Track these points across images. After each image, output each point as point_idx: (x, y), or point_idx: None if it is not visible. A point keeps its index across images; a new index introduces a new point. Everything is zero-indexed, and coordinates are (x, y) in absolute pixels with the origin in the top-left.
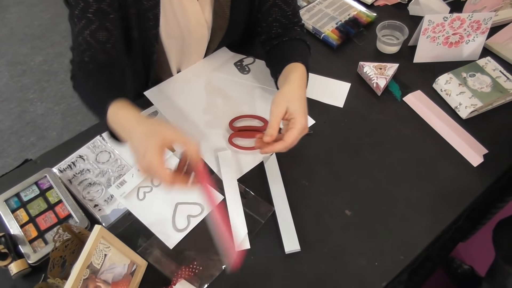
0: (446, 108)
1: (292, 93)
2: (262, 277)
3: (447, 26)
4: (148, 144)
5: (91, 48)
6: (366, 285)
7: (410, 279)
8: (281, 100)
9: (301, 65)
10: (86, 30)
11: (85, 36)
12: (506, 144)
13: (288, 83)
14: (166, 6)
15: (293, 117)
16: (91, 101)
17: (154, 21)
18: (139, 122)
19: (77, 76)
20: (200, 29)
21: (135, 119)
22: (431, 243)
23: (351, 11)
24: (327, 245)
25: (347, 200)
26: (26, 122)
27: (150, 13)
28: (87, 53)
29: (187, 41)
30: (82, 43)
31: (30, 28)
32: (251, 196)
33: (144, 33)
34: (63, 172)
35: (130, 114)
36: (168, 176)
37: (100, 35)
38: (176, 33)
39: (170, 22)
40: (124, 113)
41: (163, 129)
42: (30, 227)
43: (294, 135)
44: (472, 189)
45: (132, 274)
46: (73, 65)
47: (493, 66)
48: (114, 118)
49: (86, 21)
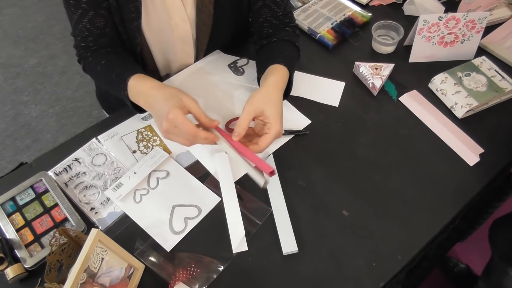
0: (442, 107)
1: (270, 95)
2: (260, 279)
3: (442, 26)
4: (170, 104)
5: (92, 34)
6: (364, 285)
7: (407, 279)
8: (257, 101)
9: (283, 67)
10: (84, 19)
11: (85, 24)
12: (502, 143)
13: (266, 84)
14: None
15: (269, 121)
16: (108, 79)
17: (136, 13)
18: (160, 88)
19: (85, 59)
20: (183, 24)
21: (156, 85)
22: (428, 242)
23: (346, 11)
24: (325, 246)
25: (344, 200)
26: (21, 124)
27: (131, 5)
28: (90, 38)
29: (170, 37)
30: (83, 30)
31: (24, 30)
32: (248, 198)
33: (127, 24)
34: (59, 176)
35: (151, 82)
36: (193, 128)
37: (97, 21)
38: (157, 26)
39: (151, 15)
40: (146, 82)
41: (183, 94)
42: (26, 231)
43: (269, 140)
44: (469, 188)
45: (129, 277)
46: (78, 49)
47: (488, 65)
48: (136, 88)
49: (82, 10)
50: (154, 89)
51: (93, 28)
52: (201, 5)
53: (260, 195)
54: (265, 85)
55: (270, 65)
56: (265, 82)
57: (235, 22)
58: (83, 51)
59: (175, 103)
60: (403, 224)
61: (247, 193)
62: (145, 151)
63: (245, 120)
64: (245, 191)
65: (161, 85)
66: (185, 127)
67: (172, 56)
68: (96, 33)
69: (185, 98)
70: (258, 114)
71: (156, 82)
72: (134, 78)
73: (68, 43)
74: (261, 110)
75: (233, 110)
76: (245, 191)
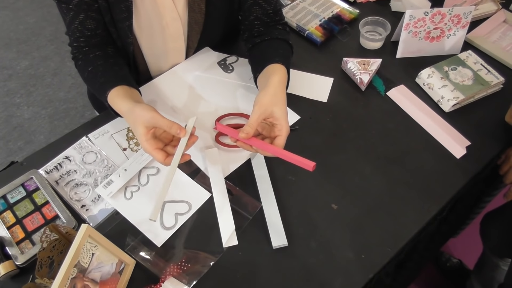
0: (429, 101)
1: (277, 96)
2: (250, 273)
3: (428, 21)
4: (136, 133)
5: (84, 35)
6: (353, 277)
7: (398, 273)
8: (267, 101)
9: (282, 66)
10: (75, 20)
11: (76, 26)
12: (488, 136)
13: (271, 85)
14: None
15: (279, 122)
16: (93, 87)
17: (127, 13)
18: (128, 112)
19: (77, 61)
20: (174, 23)
21: (126, 108)
22: (416, 234)
23: (334, 8)
24: (314, 239)
25: (333, 194)
26: (13, 126)
27: (122, 4)
28: (81, 39)
29: (161, 36)
30: (75, 31)
31: (15, 32)
32: (238, 193)
33: (118, 24)
34: (49, 174)
35: (122, 104)
36: (161, 157)
37: (88, 24)
38: (148, 26)
39: (141, 15)
40: (118, 102)
41: (144, 117)
42: (17, 229)
43: (283, 141)
44: (456, 181)
45: (120, 272)
46: (72, 48)
47: (474, 59)
48: (113, 105)
49: (73, 13)
50: (123, 115)
51: (84, 30)
52: (193, 3)
53: (250, 190)
54: (271, 85)
55: (268, 65)
56: (271, 82)
57: (226, 20)
58: (76, 51)
59: (140, 132)
60: (391, 216)
61: (237, 188)
62: (135, 148)
63: (256, 121)
64: (234, 187)
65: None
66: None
67: (163, 55)
68: (87, 34)
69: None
70: (268, 115)
71: (125, 103)
72: (111, 94)
73: (60, 45)
74: (271, 112)
75: (222, 108)
76: (235, 187)
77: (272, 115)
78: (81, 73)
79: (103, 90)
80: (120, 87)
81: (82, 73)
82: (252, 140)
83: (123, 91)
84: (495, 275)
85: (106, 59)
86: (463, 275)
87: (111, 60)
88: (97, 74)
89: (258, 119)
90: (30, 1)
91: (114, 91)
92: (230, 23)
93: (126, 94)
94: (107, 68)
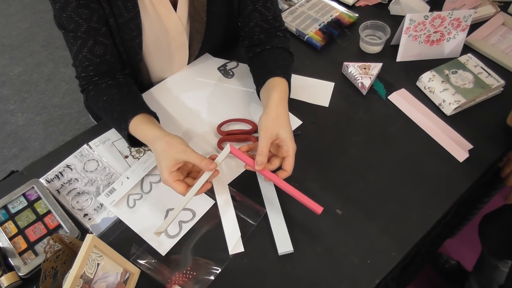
0: (430, 105)
1: (280, 117)
2: (256, 280)
3: (428, 25)
4: (161, 165)
5: (93, 63)
6: (359, 283)
7: (401, 275)
8: (271, 125)
9: (283, 79)
10: (84, 49)
11: (85, 54)
12: (490, 139)
13: (274, 105)
14: (144, 17)
15: (285, 143)
16: (109, 116)
17: (137, 31)
18: (156, 140)
19: (88, 92)
20: (180, 36)
21: (154, 136)
22: (421, 238)
23: (333, 12)
24: (320, 245)
25: (338, 199)
26: (8, 133)
27: (132, 23)
28: (90, 67)
29: (168, 49)
30: (83, 60)
31: (8, 38)
32: (243, 199)
33: (128, 43)
34: (50, 183)
35: (150, 131)
36: (182, 190)
37: (97, 50)
38: (155, 42)
39: (148, 32)
40: (145, 128)
41: (174, 152)
42: (20, 239)
43: (292, 161)
44: (459, 184)
45: (125, 282)
46: (80, 80)
47: (474, 62)
48: (136, 134)
49: (81, 41)
50: (149, 142)
51: (93, 57)
52: (194, 13)
53: (254, 196)
54: (272, 105)
55: (269, 78)
56: (271, 101)
57: (226, 26)
58: (85, 83)
59: (165, 165)
60: (396, 221)
61: (241, 195)
62: (137, 156)
63: (266, 148)
64: (238, 193)
65: (156, 138)
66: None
67: (168, 67)
68: (96, 61)
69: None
70: (274, 138)
71: (153, 131)
72: (134, 121)
73: (53, 50)
74: (276, 134)
75: (224, 113)
76: (239, 193)
77: (278, 137)
78: (94, 103)
79: (124, 118)
80: (143, 115)
81: (95, 104)
82: (266, 172)
83: (147, 119)
84: (494, 276)
85: (120, 88)
86: (462, 277)
87: (125, 88)
88: (113, 103)
89: (266, 146)
90: (23, 7)
91: (137, 118)
92: (230, 29)
93: (151, 121)
94: (124, 96)
